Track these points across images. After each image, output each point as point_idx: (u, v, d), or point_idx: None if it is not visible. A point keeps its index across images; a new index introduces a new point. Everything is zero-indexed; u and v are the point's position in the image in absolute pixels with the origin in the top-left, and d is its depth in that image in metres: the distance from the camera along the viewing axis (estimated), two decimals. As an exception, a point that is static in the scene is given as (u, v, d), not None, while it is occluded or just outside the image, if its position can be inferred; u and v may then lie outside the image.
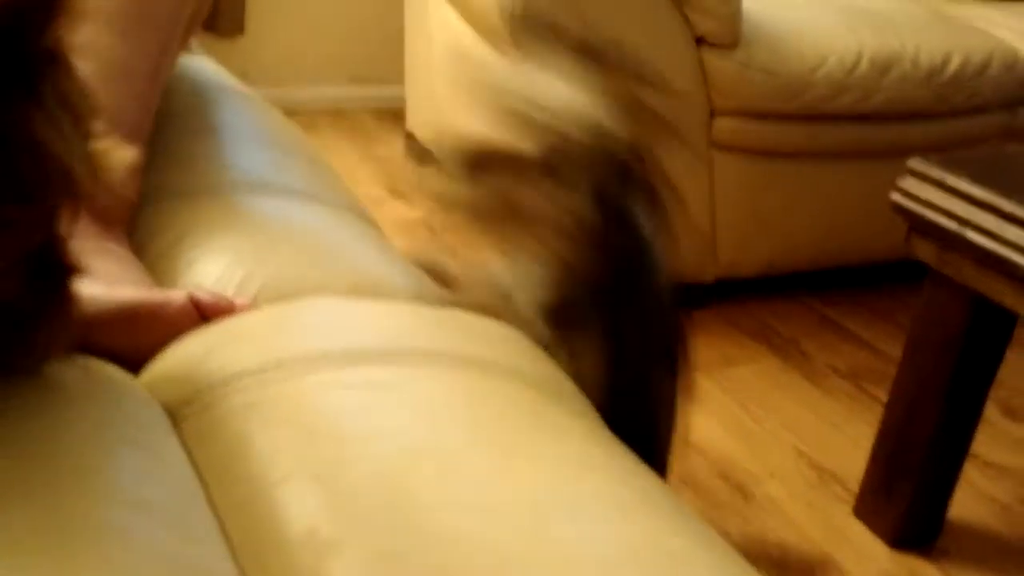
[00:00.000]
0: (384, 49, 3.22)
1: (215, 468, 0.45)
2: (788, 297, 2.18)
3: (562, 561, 0.40)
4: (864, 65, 1.97)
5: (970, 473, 1.61)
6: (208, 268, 0.62)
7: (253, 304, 0.58)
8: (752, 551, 1.41)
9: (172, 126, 0.81)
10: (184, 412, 0.47)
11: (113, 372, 0.48)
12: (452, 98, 2.47)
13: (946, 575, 1.42)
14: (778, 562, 1.43)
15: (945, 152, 2.13)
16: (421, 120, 2.76)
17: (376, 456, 0.44)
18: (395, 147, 3.01)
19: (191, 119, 0.86)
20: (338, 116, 3.27)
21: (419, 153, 2.83)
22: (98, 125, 0.44)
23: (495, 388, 0.51)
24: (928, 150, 2.11)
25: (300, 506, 0.42)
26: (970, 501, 1.57)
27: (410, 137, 2.89)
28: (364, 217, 0.90)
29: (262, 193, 0.75)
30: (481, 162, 0.74)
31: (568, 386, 0.60)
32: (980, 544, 1.50)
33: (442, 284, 0.80)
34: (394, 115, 3.23)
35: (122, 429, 0.44)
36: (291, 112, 3.46)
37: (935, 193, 1.26)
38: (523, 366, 0.58)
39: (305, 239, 0.71)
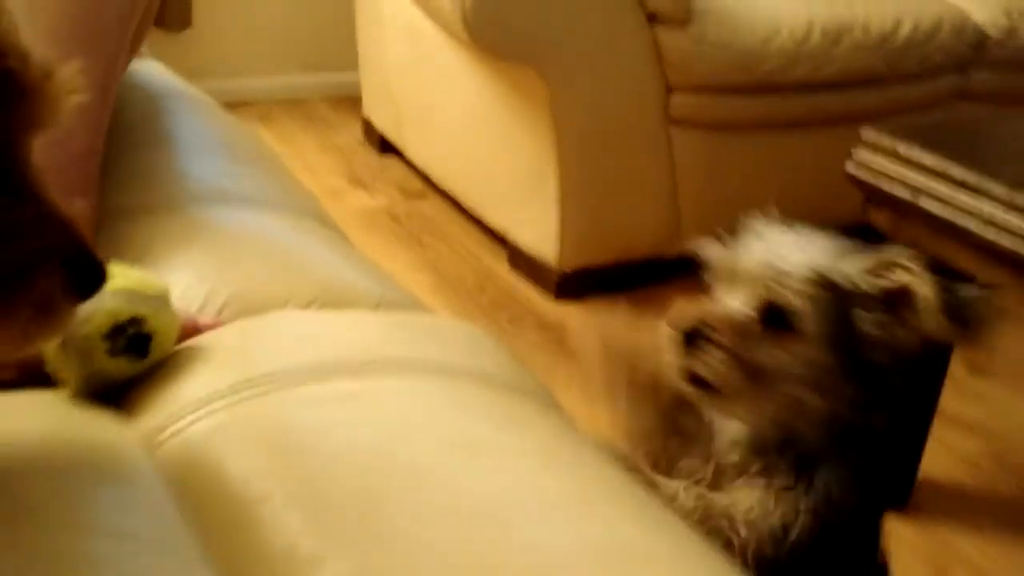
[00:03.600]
0: (335, 35, 3.22)
1: (193, 492, 0.45)
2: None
3: (530, 563, 0.41)
4: (816, 35, 2.01)
5: (938, 431, 1.65)
6: (171, 287, 0.62)
7: (218, 322, 0.58)
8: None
9: (125, 139, 0.81)
10: (158, 439, 0.47)
11: (84, 404, 0.49)
12: (406, 84, 2.49)
13: (922, 531, 1.47)
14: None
15: (901, 116, 2.19)
16: (377, 106, 2.78)
17: (349, 471, 0.45)
18: (352, 134, 3.01)
19: (144, 130, 0.85)
20: (293, 105, 3.26)
21: (376, 140, 2.84)
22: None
23: (460, 392, 0.52)
24: (883, 115, 2.16)
25: (280, 525, 0.42)
26: (940, 459, 1.62)
27: (367, 124, 2.90)
28: (324, 221, 0.91)
29: (221, 204, 0.75)
30: (703, 333, 0.79)
31: (532, 383, 0.61)
32: (952, 499, 1.57)
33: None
34: (350, 102, 3.23)
35: (98, 462, 0.45)
36: (245, 103, 3.41)
37: (887, 163, 1.30)
38: (487, 367, 0.59)
39: (267, 250, 0.71)
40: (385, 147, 2.81)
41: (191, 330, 0.56)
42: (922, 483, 1.55)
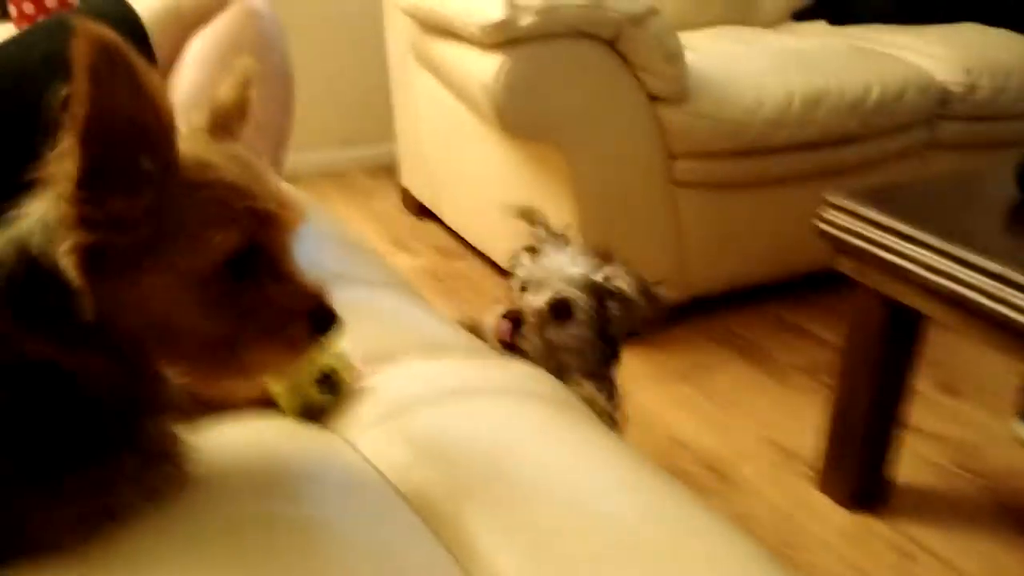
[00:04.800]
0: (371, 110, 3.50)
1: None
2: (751, 307, 2.49)
3: (606, 525, 0.68)
4: (796, 103, 2.27)
5: (911, 443, 1.90)
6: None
7: (373, 369, 0.87)
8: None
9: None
10: (356, 439, 0.77)
11: (300, 423, 0.79)
12: (439, 154, 2.75)
13: (896, 529, 1.71)
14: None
15: (876, 167, 2.45)
16: (414, 174, 3.05)
17: (479, 450, 0.73)
18: (391, 201, 3.28)
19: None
20: (336, 177, 3.55)
21: (414, 205, 3.10)
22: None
23: (534, 405, 0.81)
24: (861, 168, 2.44)
25: (438, 481, 0.69)
26: (913, 466, 1.87)
27: (404, 191, 3.18)
28: (410, 289, 1.21)
29: (341, 284, 1.06)
30: (520, 318, 1.29)
31: (579, 404, 0.91)
32: (923, 501, 1.79)
33: (478, 336, 1.15)
34: (386, 171, 3.51)
35: (320, 453, 0.74)
36: (295, 179, 3.74)
37: (850, 221, 1.56)
38: (543, 390, 0.89)
39: (381, 316, 1.01)
40: (422, 211, 3.06)
41: (357, 375, 0.85)
42: (896, 487, 1.80)
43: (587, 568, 0.61)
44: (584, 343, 1.29)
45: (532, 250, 1.36)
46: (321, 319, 0.65)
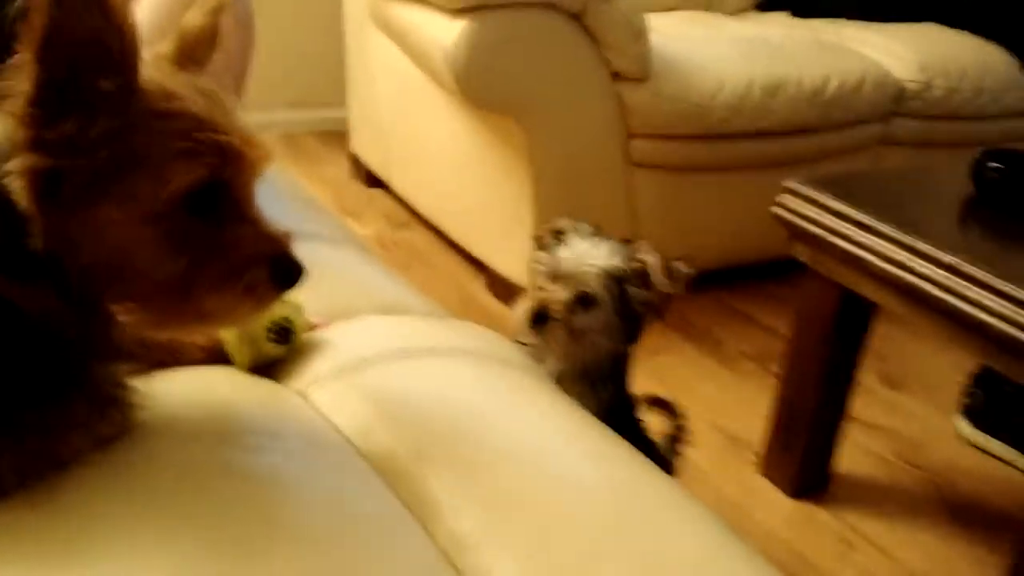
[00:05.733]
0: (324, 74, 3.43)
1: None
2: (703, 293, 2.48)
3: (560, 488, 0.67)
4: (756, 90, 2.27)
5: (855, 433, 1.93)
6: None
7: (327, 322, 0.84)
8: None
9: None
10: (309, 392, 0.74)
11: (251, 375, 0.76)
12: (395, 123, 2.71)
13: (836, 517, 1.73)
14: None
15: (831, 160, 2.47)
16: (365, 142, 3.00)
17: (441, 411, 0.71)
18: (340, 167, 3.23)
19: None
20: (284, 139, 3.48)
21: (364, 174, 3.05)
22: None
23: (496, 368, 0.79)
24: (816, 160, 2.45)
25: (400, 440, 0.67)
26: (856, 457, 1.89)
27: (354, 158, 3.12)
28: (364, 248, 1.18)
29: (299, 239, 1.02)
30: (546, 312, 1.29)
31: (533, 365, 0.89)
32: (864, 491, 1.81)
33: None
34: (336, 136, 3.45)
35: (269, 402, 0.71)
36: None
37: (807, 207, 1.56)
38: (504, 353, 0.87)
39: (339, 272, 0.98)
40: (372, 180, 3.02)
41: (311, 328, 0.82)
42: (838, 477, 1.81)
43: (550, 533, 0.59)
44: (608, 325, 1.31)
45: (557, 234, 1.35)
46: (284, 268, 0.62)
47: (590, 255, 1.30)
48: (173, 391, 0.67)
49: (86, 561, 0.49)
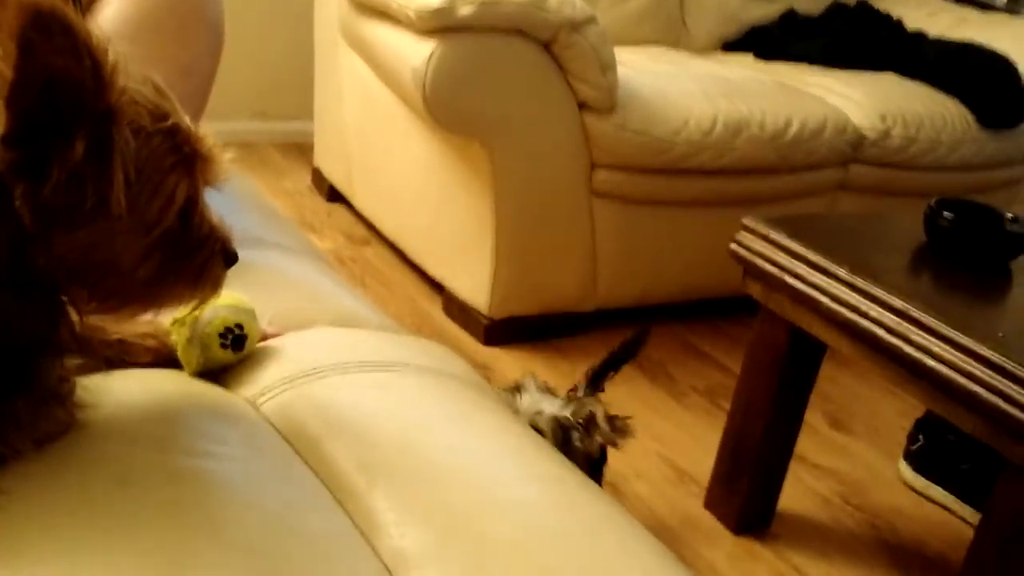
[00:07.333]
0: (290, 86, 3.42)
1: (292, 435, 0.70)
2: (658, 325, 2.48)
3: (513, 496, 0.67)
4: (719, 128, 2.29)
5: (799, 472, 1.94)
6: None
7: (279, 332, 0.83)
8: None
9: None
10: (259, 401, 0.73)
11: (200, 379, 0.74)
12: (359, 139, 2.70)
13: (777, 555, 1.74)
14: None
15: (789, 202, 2.50)
16: (329, 156, 2.98)
17: (391, 426, 0.70)
18: (301, 180, 3.20)
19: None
20: (245, 149, 3.45)
21: (325, 188, 3.03)
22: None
23: (447, 385, 0.79)
24: (774, 200, 2.48)
25: (349, 453, 0.67)
26: (799, 496, 1.90)
27: (316, 172, 3.10)
28: (322, 259, 1.17)
29: (259, 247, 1.01)
30: None
31: (483, 382, 0.89)
32: (805, 530, 1.82)
33: None
34: (299, 149, 3.43)
35: (216, 406, 0.70)
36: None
37: (763, 245, 1.58)
38: (456, 370, 0.87)
39: (296, 282, 0.97)
40: (333, 194, 3.00)
41: (265, 336, 0.81)
42: (781, 515, 1.82)
43: (494, 551, 0.58)
44: None
45: (516, 388, 1.50)
46: (228, 255, 0.67)
47: (541, 403, 1.47)
48: (118, 391, 0.66)
49: (14, 562, 0.48)
